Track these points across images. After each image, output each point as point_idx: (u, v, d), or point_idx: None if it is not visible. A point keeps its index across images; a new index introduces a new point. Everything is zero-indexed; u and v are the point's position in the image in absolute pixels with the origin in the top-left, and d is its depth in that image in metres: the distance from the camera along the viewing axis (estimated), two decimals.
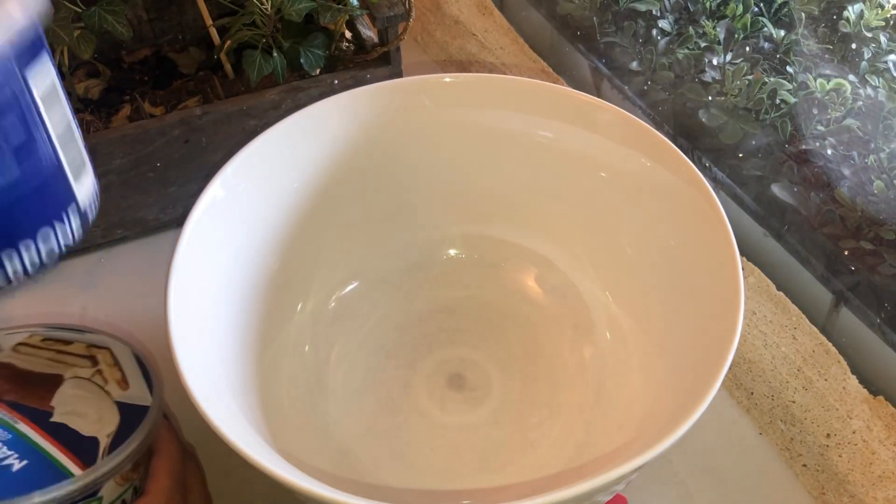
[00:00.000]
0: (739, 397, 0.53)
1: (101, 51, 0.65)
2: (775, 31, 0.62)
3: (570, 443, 0.47)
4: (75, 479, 0.38)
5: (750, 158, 0.59)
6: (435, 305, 0.54)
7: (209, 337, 0.41)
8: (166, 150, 0.57)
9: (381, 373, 0.51)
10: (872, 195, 0.52)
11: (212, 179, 0.44)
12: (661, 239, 0.47)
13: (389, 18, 0.59)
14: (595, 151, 0.49)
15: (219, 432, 0.34)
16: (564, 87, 0.60)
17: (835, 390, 0.49)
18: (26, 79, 0.32)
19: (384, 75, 0.61)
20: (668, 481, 0.49)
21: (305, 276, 0.52)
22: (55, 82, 0.34)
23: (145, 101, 0.62)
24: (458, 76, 0.51)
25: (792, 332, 0.52)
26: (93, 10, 0.54)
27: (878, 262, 0.51)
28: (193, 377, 0.36)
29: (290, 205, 0.50)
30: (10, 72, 0.32)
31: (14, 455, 0.39)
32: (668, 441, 0.34)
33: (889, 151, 0.53)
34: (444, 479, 0.46)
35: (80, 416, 0.41)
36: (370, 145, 0.51)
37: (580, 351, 0.51)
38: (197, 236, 0.42)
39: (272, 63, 0.58)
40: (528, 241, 0.55)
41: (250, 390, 0.44)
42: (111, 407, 0.42)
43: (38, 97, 0.33)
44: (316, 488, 0.33)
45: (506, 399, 0.50)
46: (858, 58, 0.58)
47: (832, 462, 0.48)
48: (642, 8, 0.68)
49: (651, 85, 0.66)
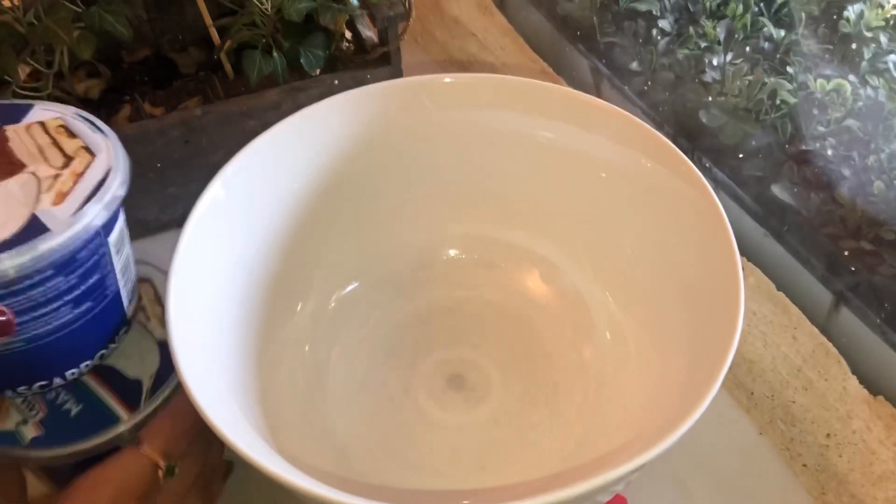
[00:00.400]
0: (739, 397, 0.53)
1: (101, 51, 0.65)
2: (775, 31, 0.62)
3: (570, 443, 0.47)
4: (124, 422, 0.41)
5: (750, 159, 0.59)
6: (435, 305, 0.54)
7: (209, 337, 0.41)
8: (166, 151, 0.57)
9: (381, 373, 0.51)
10: (872, 195, 0.52)
11: (212, 180, 0.44)
12: (661, 239, 0.47)
13: (389, 18, 0.59)
14: (595, 151, 0.49)
15: (219, 432, 0.34)
16: (564, 87, 0.60)
17: (835, 390, 0.49)
18: (108, 242, 0.37)
19: (384, 75, 0.61)
20: (668, 481, 0.49)
21: (305, 276, 0.52)
22: (123, 227, 0.40)
23: (145, 101, 0.62)
24: (458, 76, 0.51)
25: (792, 332, 0.52)
26: (93, 10, 0.54)
27: (878, 263, 0.51)
28: (193, 377, 0.36)
29: (291, 205, 0.50)
30: (101, 243, 0.37)
31: (71, 399, 0.41)
32: (668, 441, 0.34)
33: (889, 152, 0.53)
34: (444, 479, 0.46)
35: (126, 358, 0.43)
36: (370, 145, 0.51)
37: (580, 351, 0.51)
38: (197, 237, 0.42)
39: (272, 63, 0.58)
40: (528, 241, 0.55)
41: (250, 390, 0.44)
42: (153, 347, 0.43)
43: (112, 246, 0.38)
44: (316, 488, 0.33)
45: (506, 399, 0.50)
46: (859, 58, 0.58)
47: (832, 462, 0.48)
48: (642, 8, 0.68)
49: (651, 85, 0.66)
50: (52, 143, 0.39)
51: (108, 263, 0.38)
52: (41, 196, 0.35)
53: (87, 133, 0.39)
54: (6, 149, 0.38)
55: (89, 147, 0.38)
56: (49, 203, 0.35)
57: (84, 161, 0.38)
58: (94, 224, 0.35)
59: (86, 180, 0.36)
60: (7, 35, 0.53)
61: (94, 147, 0.38)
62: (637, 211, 0.49)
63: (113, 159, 0.38)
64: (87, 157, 0.38)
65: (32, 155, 0.38)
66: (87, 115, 0.41)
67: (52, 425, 0.41)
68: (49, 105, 0.41)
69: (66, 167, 0.37)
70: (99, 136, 0.39)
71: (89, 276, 0.37)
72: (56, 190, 0.36)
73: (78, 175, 0.37)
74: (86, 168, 0.37)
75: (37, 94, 0.55)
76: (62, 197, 0.35)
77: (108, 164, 0.38)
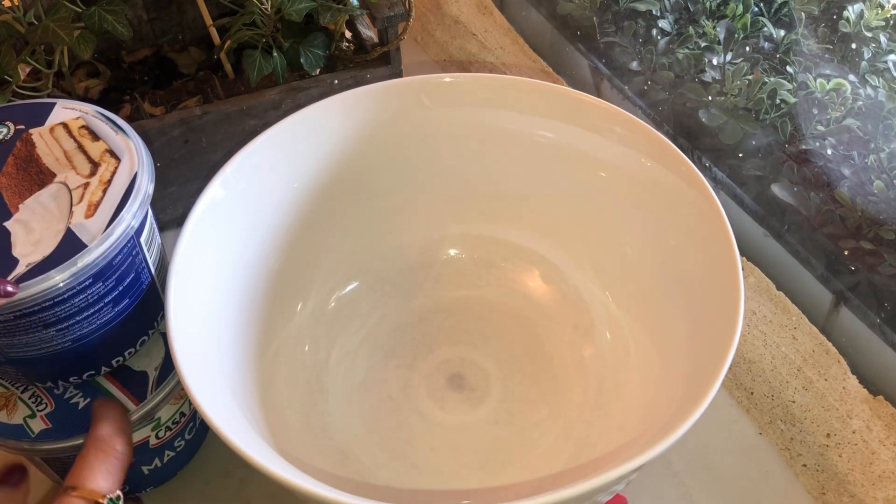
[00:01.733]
0: (739, 397, 0.53)
1: (101, 51, 0.66)
2: (775, 31, 0.62)
3: (570, 443, 0.47)
4: (130, 414, 0.42)
5: (750, 158, 0.59)
6: (435, 305, 0.54)
7: (209, 337, 0.41)
8: (166, 150, 0.57)
9: (381, 373, 0.51)
10: (872, 195, 0.52)
11: (212, 179, 0.44)
12: (661, 239, 0.47)
13: (389, 18, 0.59)
14: (595, 151, 0.49)
15: (219, 432, 0.34)
16: (564, 87, 0.60)
17: (835, 390, 0.49)
18: (140, 242, 0.39)
19: (384, 75, 0.61)
20: (668, 481, 0.49)
21: (305, 276, 0.52)
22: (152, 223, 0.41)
23: (145, 101, 0.62)
24: (458, 76, 0.51)
25: (792, 332, 0.52)
26: (93, 10, 0.54)
27: (878, 262, 0.51)
28: (193, 377, 0.36)
29: (291, 205, 0.50)
30: (133, 245, 0.39)
31: (79, 393, 0.43)
32: (668, 441, 0.34)
33: (889, 151, 0.53)
34: (444, 479, 0.46)
35: None
36: (370, 145, 0.51)
37: (580, 351, 0.51)
38: (197, 236, 0.42)
39: (272, 63, 0.58)
40: (528, 241, 0.55)
41: (250, 390, 0.44)
42: (158, 339, 0.45)
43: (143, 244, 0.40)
44: (316, 488, 0.33)
45: (506, 399, 0.50)
46: (858, 58, 0.58)
47: (832, 462, 0.48)
48: (642, 8, 0.68)
49: (651, 85, 0.66)
50: (78, 148, 0.40)
51: (142, 262, 0.40)
52: (73, 209, 0.37)
53: (110, 134, 0.41)
54: (35, 156, 0.39)
55: (113, 151, 0.40)
56: (82, 216, 0.37)
57: (110, 167, 0.39)
58: (126, 233, 0.37)
59: (114, 187, 0.38)
60: (7, 35, 0.53)
61: (117, 150, 0.40)
62: (637, 211, 0.49)
63: (137, 162, 0.39)
64: (112, 162, 0.39)
65: (60, 162, 0.39)
66: (107, 114, 0.42)
67: (60, 418, 0.42)
68: (69, 103, 0.42)
69: (93, 174, 0.39)
70: (121, 137, 0.40)
71: (125, 277, 0.38)
72: (87, 201, 0.37)
73: (106, 183, 0.38)
74: (112, 175, 0.38)
75: (37, 93, 0.55)
76: (93, 208, 0.37)
77: (132, 167, 0.39)
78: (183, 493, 0.49)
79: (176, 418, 0.45)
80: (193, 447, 0.49)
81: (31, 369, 0.40)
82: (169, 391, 0.44)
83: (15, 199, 0.37)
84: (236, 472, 0.49)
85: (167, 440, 0.46)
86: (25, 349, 0.37)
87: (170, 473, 0.48)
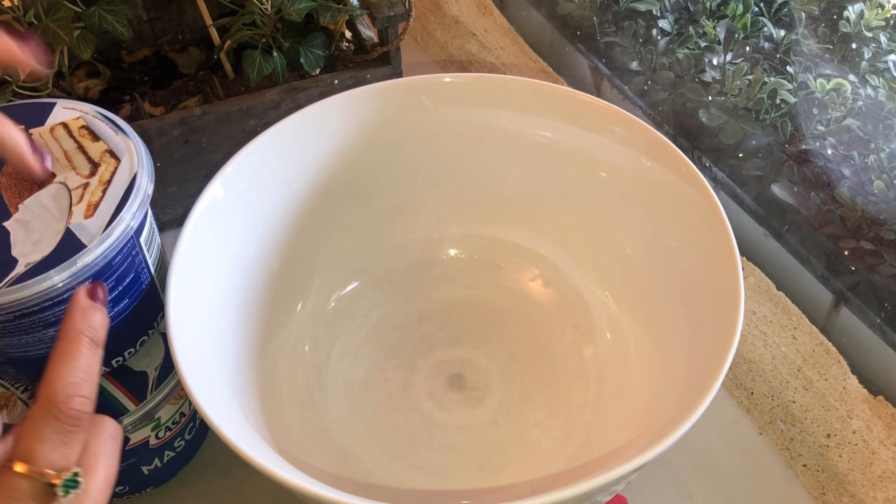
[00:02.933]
0: (739, 397, 0.53)
1: (101, 51, 0.65)
2: (775, 30, 0.62)
3: (570, 443, 0.47)
4: (131, 414, 0.43)
5: (750, 158, 0.59)
6: (435, 305, 0.54)
7: (209, 337, 0.41)
8: (166, 150, 0.57)
9: (381, 373, 0.51)
10: (872, 195, 0.52)
11: (212, 179, 0.44)
12: (661, 239, 0.47)
13: (389, 18, 0.59)
14: (595, 151, 0.49)
15: (219, 432, 0.34)
16: (564, 87, 0.60)
17: (835, 390, 0.49)
18: (139, 242, 0.39)
19: (384, 75, 0.61)
20: (668, 481, 0.49)
21: (305, 275, 0.52)
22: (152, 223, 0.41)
23: (145, 101, 0.62)
24: (458, 76, 0.51)
25: (792, 332, 0.52)
26: (93, 10, 0.54)
27: (878, 262, 0.51)
28: (193, 377, 0.36)
29: (291, 204, 0.50)
30: (133, 245, 0.38)
31: None
32: (668, 441, 0.34)
33: (889, 151, 0.53)
34: (444, 479, 0.46)
35: None
36: (370, 145, 0.51)
37: (580, 351, 0.51)
38: (197, 236, 0.42)
39: (272, 63, 0.58)
40: (528, 241, 0.55)
41: (250, 390, 0.44)
42: (157, 340, 0.45)
43: (143, 244, 0.40)
44: (316, 488, 0.33)
45: (506, 399, 0.50)
46: (858, 58, 0.58)
47: (832, 462, 0.48)
48: (642, 8, 0.68)
49: (651, 85, 0.66)
50: (78, 148, 0.40)
51: (142, 262, 0.40)
52: (73, 209, 0.37)
53: (110, 135, 0.41)
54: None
55: (113, 151, 0.40)
56: (81, 216, 0.37)
57: (110, 168, 0.39)
58: (126, 233, 0.37)
59: (114, 187, 0.38)
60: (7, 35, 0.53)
61: (117, 151, 0.40)
62: (637, 211, 0.48)
63: (137, 162, 0.39)
64: (112, 162, 0.39)
65: (60, 162, 0.39)
66: (107, 114, 0.42)
67: None
68: (69, 103, 0.42)
69: (93, 175, 0.39)
70: (121, 137, 0.40)
71: (125, 277, 0.39)
72: (86, 201, 0.37)
73: (105, 183, 0.38)
74: (112, 175, 0.38)
75: (36, 93, 0.55)
76: (93, 208, 0.37)
77: (132, 167, 0.39)
78: (183, 493, 0.49)
79: (176, 418, 0.45)
80: (193, 447, 0.49)
81: (31, 369, 0.40)
82: (169, 391, 0.44)
83: (15, 199, 0.37)
84: (236, 472, 0.49)
85: (167, 440, 0.46)
86: (25, 349, 0.37)
87: (170, 473, 0.48)
